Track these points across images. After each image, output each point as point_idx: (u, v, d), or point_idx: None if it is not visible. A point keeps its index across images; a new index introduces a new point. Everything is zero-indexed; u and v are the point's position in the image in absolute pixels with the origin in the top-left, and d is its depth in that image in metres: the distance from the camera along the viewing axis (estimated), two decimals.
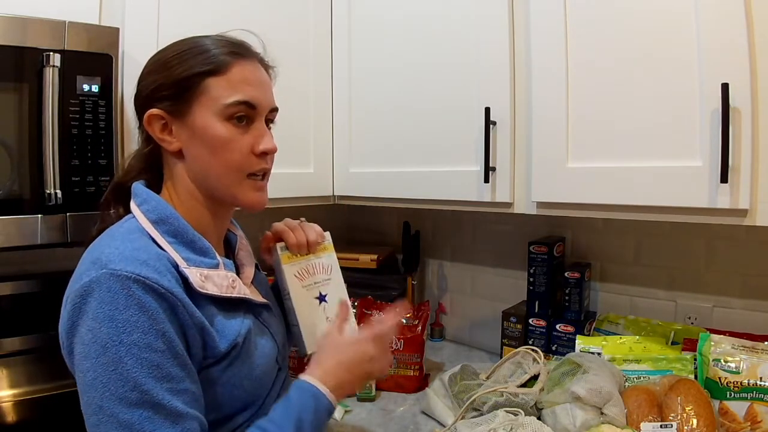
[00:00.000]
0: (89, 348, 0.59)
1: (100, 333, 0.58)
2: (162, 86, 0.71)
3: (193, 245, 0.70)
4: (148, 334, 0.60)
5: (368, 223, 1.97)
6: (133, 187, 0.73)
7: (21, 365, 1.16)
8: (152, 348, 0.60)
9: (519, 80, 1.11)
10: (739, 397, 0.92)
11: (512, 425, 0.92)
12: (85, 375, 0.59)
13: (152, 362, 0.59)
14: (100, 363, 0.58)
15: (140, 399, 0.58)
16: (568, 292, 1.30)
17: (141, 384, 0.58)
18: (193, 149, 0.72)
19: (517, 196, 1.13)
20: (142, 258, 0.62)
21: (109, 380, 0.58)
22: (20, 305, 1.16)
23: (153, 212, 0.70)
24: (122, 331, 0.58)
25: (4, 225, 0.92)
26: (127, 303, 0.59)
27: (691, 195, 0.87)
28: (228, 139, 0.70)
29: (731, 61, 0.82)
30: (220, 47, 0.71)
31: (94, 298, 0.59)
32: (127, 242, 0.65)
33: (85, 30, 0.99)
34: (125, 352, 0.58)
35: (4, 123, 0.91)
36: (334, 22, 1.49)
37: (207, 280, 0.68)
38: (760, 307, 1.13)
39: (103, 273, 0.60)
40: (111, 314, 0.59)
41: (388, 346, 0.83)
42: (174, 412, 0.60)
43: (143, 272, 0.61)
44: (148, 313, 0.60)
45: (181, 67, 0.70)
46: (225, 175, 0.72)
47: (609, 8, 0.96)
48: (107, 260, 0.61)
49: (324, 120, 1.49)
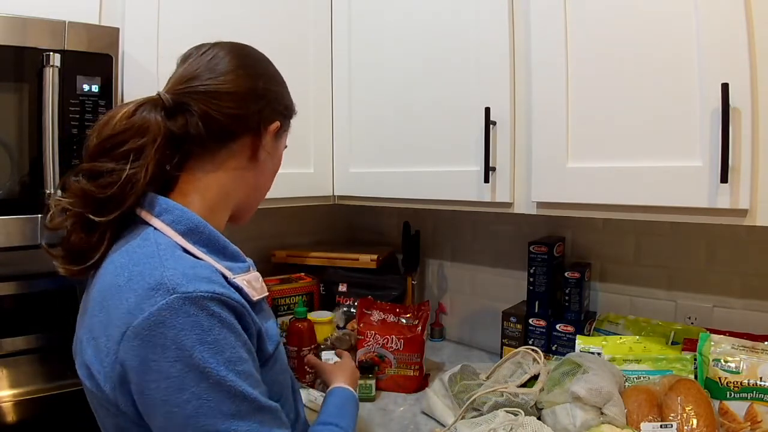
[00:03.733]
0: (183, 379, 0.55)
1: (193, 360, 0.56)
2: (287, 107, 0.80)
3: (225, 251, 0.69)
4: (236, 348, 0.59)
5: (368, 223, 1.97)
6: (151, 197, 0.66)
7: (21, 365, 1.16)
8: (243, 359, 0.60)
9: (519, 80, 1.11)
10: (739, 397, 0.92)
11: (512, 425, 0.92)
12: (185, 407, 0.56)
13: (247, 373, 0.60)
14: (203, 389, 0.56)
15: (250, 408, 0.59)
16: (568, 292, 1.30)
17: (248, 395, 0.59)
18: (267, 166, 0.79)
19: (517, 196, 1.13)
20: (206, 275, 0.60)
21: (220, 401, 0.57)
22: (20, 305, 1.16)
23: (179, 223, 0.66)
24: (216, 352, 0.57)
25: (4, 225, 0.92)
26: (211, 323, 0.57)
27: (691, 195, 0.87)
28: (279, 167, 0.84)
29: (731, 61, 0.82)
30: None
31: (171, 327, 0.56)
32: (179, 260, 0.61)
33: (85, 30, 0.99)
34: (225, 371, 0.57)
35: (4, 123, 0.91)
36: (334, 21, 1.49)
37: (250, 287, 0.68)
38: (760, 307, 1.13)
39: (175, 298, 0.56)
40: (200, 338, 0.56)
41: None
42: (274, 410, 0.63)
43: (216, 289, 0.59)
44: (230, 328, 0.59)
45: (290, 96, 0.82)
46: (265, 192, 0.83)
47: (609, 8, 0.96)
48: (173, 284, 0.57)
49: (324, 120, 1.50)
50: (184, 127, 0.69)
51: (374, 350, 1.32)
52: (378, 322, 1.37)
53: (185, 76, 0.70)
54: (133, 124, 0.66)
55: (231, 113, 0.70)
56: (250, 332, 0.64)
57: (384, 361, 1.31)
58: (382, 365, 1.31)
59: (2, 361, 1.14)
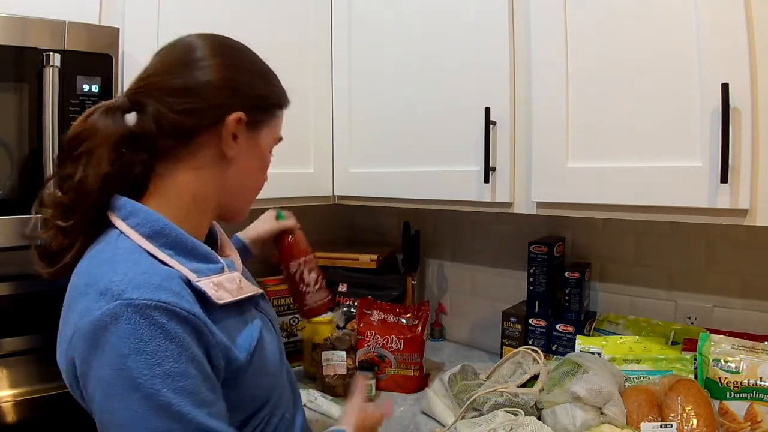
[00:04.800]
0: (114, 386, 0.55)
1: (127, 368, 0.54)
2: (260, 97, 0.73)
3: (195, 253, 0.66)
4: (179, 362, 0.56)
5: (368, 223, 1.97)
6: (116, 200, 0.66)
7: (21, 365, 1.16)
8: (186, 375, 0.57)
9: (519, 80, 1.11)
10: (739, 397, 0.93)
11: (512, 425, 0.92)
12: (115, 415, 0.55)
13: (188, 389, 0.57)
14: (134, 399, 0.54)
15: (184, 428, 0.56)
16: (568, 292, 1.30)
17: (184, 413, 0.55)
18: (245, 162, 0.73)
19: (517, 196, 1.13)
20: (156, 282, 0.58)
21: (148, 416, 0.54)
22: (20, 305, 1.16)
23: (144, 226, 0.64)
24: (153, 363, 0.55)
25: (4, 225, 0.92)
26: (152, 333, 0.55)
27: (691, 195, 0.87)
28: (266, 167, 0.79)
29: (731, 61, 0.82)
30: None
31: (112, 333, 0.55)
32: (132, 265, 0.59)
33: (85, 30, 0.99)
34: (160, 384, 0.55)
35: (4, 123, 0.91)
36: (334, 21, 1.49)
37: (220, 289, 0.66)
38: (760, 307, 1.13)
39: (118, 304, 0.55)
40: (136, 347, 0.54)
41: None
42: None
43: (162, 297, 0.57)
44: (175, 341, 0.56)
45: (274, 88, 0.76)
46: (254, 191, 0.79)
47: (609, 8, 0.96)
48: (119, 290, 0.56)
49: (324, 120, 1.50)
50: (141, 128, 0.67)
51: (374, 350, 1.32)
52: (378, 322, 1.37)
53: (143, 75, 0.69)
54: (84, 128, 0.66)
55: (185, 108, 0.66)
56: (208, 345, 0.60)
57: (384, 361, 1.31)
58: (382, 365, 1.31)
59: (2, 361, 1.14)
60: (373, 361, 1.31)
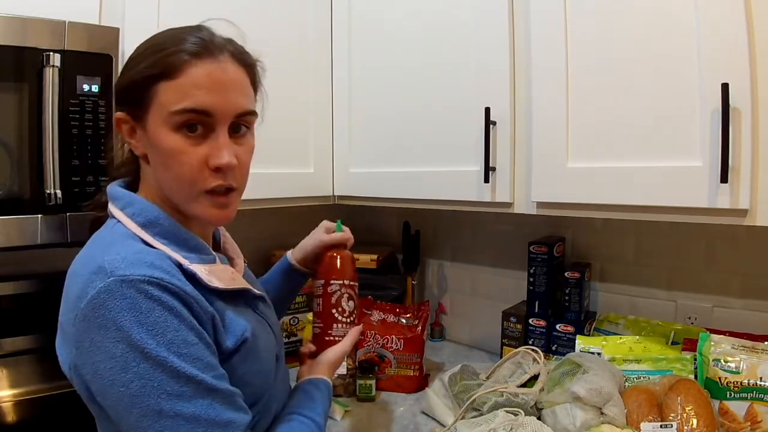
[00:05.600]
0: (125, 359, 0.56)
1: (132, 341, 0.56)
2: (124, 88, 0.67)
3: (187, 243, 0.68)
4: (179, 331, 0.59)
5: (368, 223, 1.97)
6: (110, 190, 0.70)
7: (21, 365, 1.16)
8: (189, 342, 0.59)
9: (519, 80, 1.11)
10: (739, 397, 0.92)
11: (512, 425, 0.92)
12: (129, 387, 0.56)
13: (193, 355, 0.59)
14: (145, 369, 0.56)
15: (195, 390, 0.58)
16: (568, 292, 1.30)
17: (192, 376, 0.58)
18: (152, 158, 0.67)
19: (517, 196, 1.13)
20: (148, 260, 0.60)
21: (161, 382, 0.56)
22: (20, 305, 1.16)
23: (140, 215, 0.66)
24: (155, 333, 0.57)
25: (4, 225, 0.91)
26: (149, 306, 0.57)
27: (691, 195, 0.87)
28: (176, 151, 0.64)
29: (731, 61, 0.82)
30: (178, 45, 0.64)
31: (110, 309, 0.56)
32: (127, 247, 0.62)
33: (85, 30, 0.99)
34: (166, 352, 0.57)
35: (4, 123, 0.91)
36: (334, 22, 1.49)
37: (211, 275, 0.67)
38: (760, 307, 1.13)
39: (112, 281, 0.57)
40: (138, 319, 0.56)
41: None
42: (227, 393, 0.61)
43: (155, 274, 0.59)
44: (173, 311, 0.59)
45: (137, 68, 0.65)
46: (178, 189, 0.67)
47: (609, 8, 0.96)
48: (112, 268, 0.58)
49: (324, 120, 1.49)
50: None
51: (374, 350, 1.32)
52: (378, 322, 1.37)
53: None
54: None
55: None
56: (200, 319, 0.62)
57: (384, 361, 1.31)
58: (382, 365, 1.31)
59: (2, 361, 1.14)
60: (373, 361, 1.31)
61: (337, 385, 1.29)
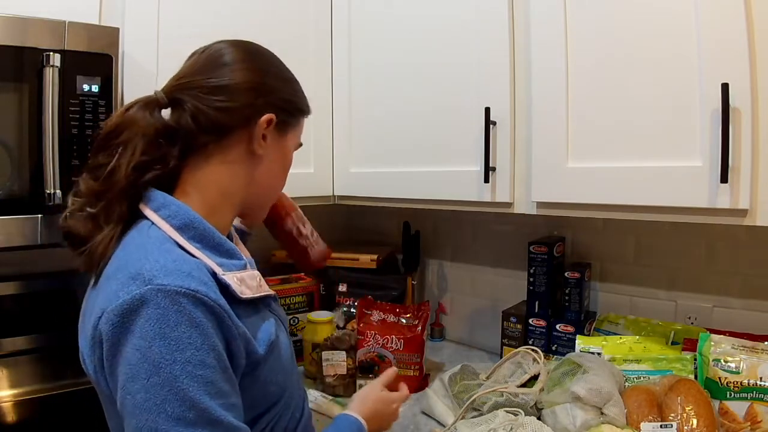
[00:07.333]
0: (138, 368, 0.56)
1: (151, 352, 0.56)
2: (288, 101, 0.78)
3: (220, 248, 0.69)
4: (200, 351, 0.58)
5: (368, 223, 1.97)
6: (149, 192, 0.69)
7: (21, 365, 1.16)
8: (205, 364, 0.58)
9: (519, 80, 1.11)
10: (739, 397, 0.93)
11: (512, 425, 0.92)
12: (135, 397, 0.56)
13: (206, 379, 0.58)
14: (153, 383, 0.56)
15: (198, 417, 0.57)
16: (568, 292, 1.30)
17: (198, 402, 0.57)
18: (270, 161, 0.77)
19: (517, 196, 1.13)
20: (186, 270, 0.60)
21: (165, 401, 0.56)
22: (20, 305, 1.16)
23: (175, 218, 0.67)
24: (175, 349, 0.56)
25: (4, 225, 0.92)
26: (178, 319, 0.57)
27: (691, 195, 0.87)
28: (289, 166, 0.83)
29: (731, 61, 0.82)
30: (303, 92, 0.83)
31: (141, 316, 0.57)
32: (165, 253, 0.62)
33: (85, 30, 0.99)
34: (180, 371, 0.56)
35: (4, 123, 0.91)
36: (335, 21, 1.49)
37: (242, 284, 0.68)
38: (760, 307, 1.13)
39: (149, 289, 0.57)
40: (162, 332, 0.56)
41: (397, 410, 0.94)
42: (231, 427, 0.59)
43: (192, 285, 0.59)
44: (199, 329, 0.58)
45: (299, 94, 0.81)
46: (275, 191, 0.84)
47: (609, 8, 0.96)
48: (151, 275, 0.58)
49: (324, 120, 1.50)
50: (177, 123, 0.71)
51: (374, 350, 1.32)
52: (378, 322, 1.37)
53: (181, 73, 0.73)
54: (123, 120, 0.69)
55: (221, 107, 0.70)
56: (229, 335, 0.62)
57: (384, 361, 1.31)
58: (382, 365, 1.31)
59: (2, 361, 1.14)
60: (373, 361, 1.31)
61: (337, 385, 1.29)
